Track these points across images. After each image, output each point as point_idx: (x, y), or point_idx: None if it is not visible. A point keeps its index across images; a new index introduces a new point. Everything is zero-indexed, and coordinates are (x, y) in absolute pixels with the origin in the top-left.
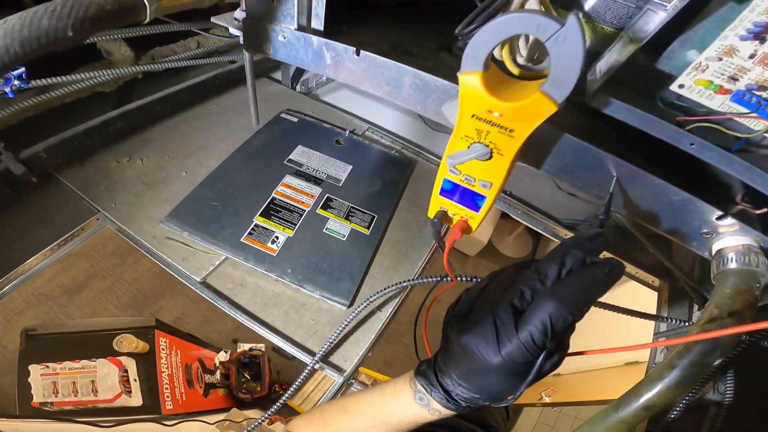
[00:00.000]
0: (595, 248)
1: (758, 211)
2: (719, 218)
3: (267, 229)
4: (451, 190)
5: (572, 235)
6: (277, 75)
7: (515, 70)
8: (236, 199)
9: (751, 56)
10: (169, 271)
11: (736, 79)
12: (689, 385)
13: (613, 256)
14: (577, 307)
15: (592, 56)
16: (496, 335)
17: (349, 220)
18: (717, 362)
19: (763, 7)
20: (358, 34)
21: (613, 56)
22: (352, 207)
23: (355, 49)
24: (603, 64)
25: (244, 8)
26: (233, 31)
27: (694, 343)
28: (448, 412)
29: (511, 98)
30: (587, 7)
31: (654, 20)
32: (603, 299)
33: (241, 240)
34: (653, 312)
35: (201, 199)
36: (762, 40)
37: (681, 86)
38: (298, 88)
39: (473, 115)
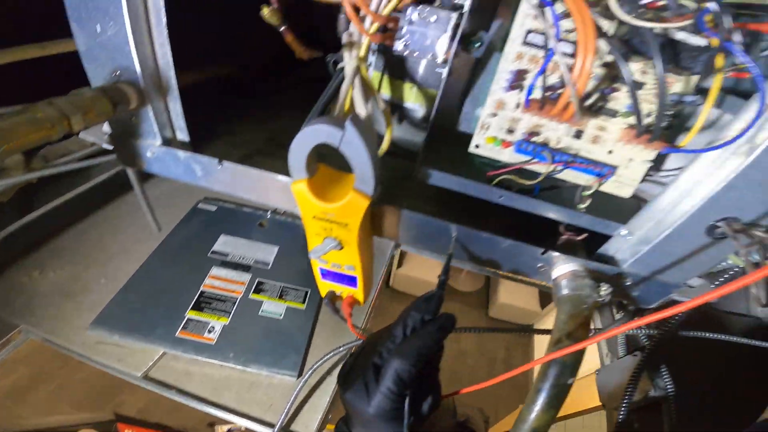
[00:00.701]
0: (431, 308)
1: (579, 238)
2: (543, 253)
3: (201, 321)
4: (327, 274)
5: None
6: None
7: (383, 107)
8: (164, 298)
9: (517, 106)
10: (108, 372)
11: (513, 131)
12: (559, 405)
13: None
14: (415, 360)
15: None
16: (367, 391)
17: (284, 299)
18: (571, 381)
19: (512, 54)
20: (233, 132)
21: (431, 118)
22: (284, 286)
23: (218, 160)
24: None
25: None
26: (105, 146)
27: (547, 367)
28: None
29: (334, 198)
30: (418, 76)
31: (442, 82)
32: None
33: (177, 335)
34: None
35: (126, 302)
36: (520, 89)
37: (477, 146)
38: None
39: (314, 216)
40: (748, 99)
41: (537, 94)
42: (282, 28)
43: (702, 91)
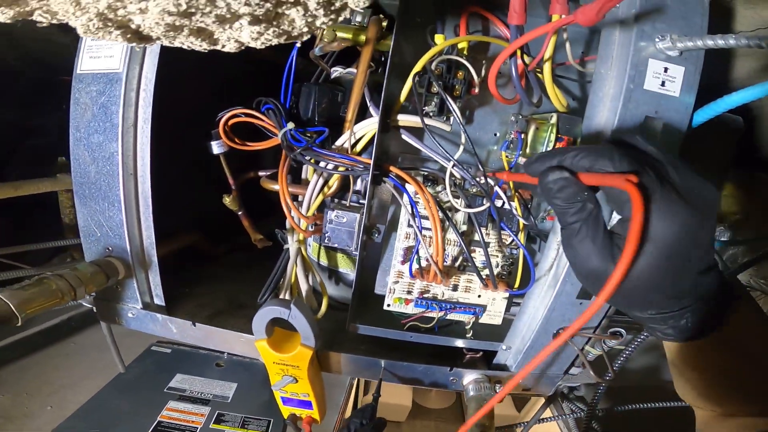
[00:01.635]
0: (366, 414)
1: (477, 356)
2: (450, 370)
3: None
4: (288, 401)
5: None
6: None
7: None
8: (117, 428)
9: (410, 274)
10: None
11: (411, 292)
12: None
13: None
14: None
15: None
16: None
17: (246, 429)
18: None
19: (402, 234)
20: (197, 295)
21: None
22: (246, 417)
23: (191, 322)
24: (353, 295)
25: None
26: (86, 304)
27: None
28: None
29: (287, 350)
30: (343, 244)
31: (357, 262)
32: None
33: None
34: None
35: (74, 428)
36: (410, 261)
37: (388, 305)
38: None
39: (273, 362)
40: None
41: (415, 265)
42: (240, 213)
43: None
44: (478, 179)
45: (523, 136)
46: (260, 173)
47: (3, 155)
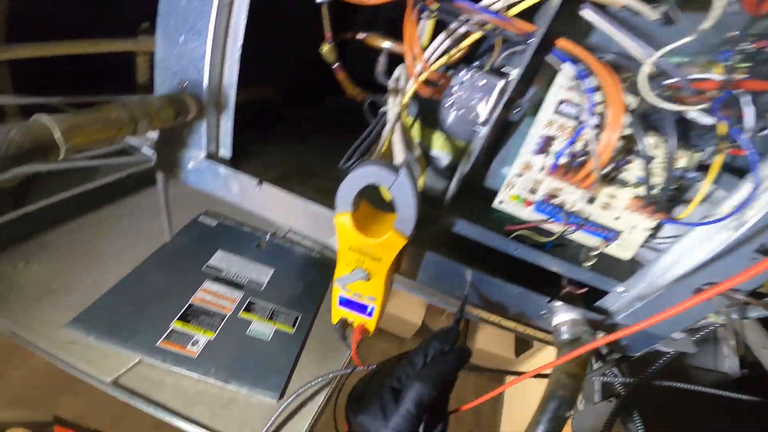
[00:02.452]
0: (450, 339)
1: (579, 291)
2: (549, 302)
3: (186, 333)
4: (345, 302)
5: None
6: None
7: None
8: (151, 306)
9: (541, 169)
10: (71, 373)
11: (535, 192)
12: None
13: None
14: (436, 384)
15: (453, 169)
16: (384, 412)
17: (273, 321)
18: (569, 414)
19: (544, 120)
20: (266, 154)
21: (461, 169)
22: (275, 308)
23: (257, 180)
24: (454, 180)
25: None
26: (146, 150)
27: (547, 402)
28: None
29: (374, 234)
30: (446, 125)
31: (478, 138)
32: (528, 369)
33: (157, 344)
34: None
35: (110, 305)
36: (546, 153)
37: (501, 202)
38: None
39: (350, 247)
40: (742, 177)
41: (562, 160)
42: (335, 65)
43: (702, 168)
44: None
45: None
46: (359, 35)
47: (89, 16)
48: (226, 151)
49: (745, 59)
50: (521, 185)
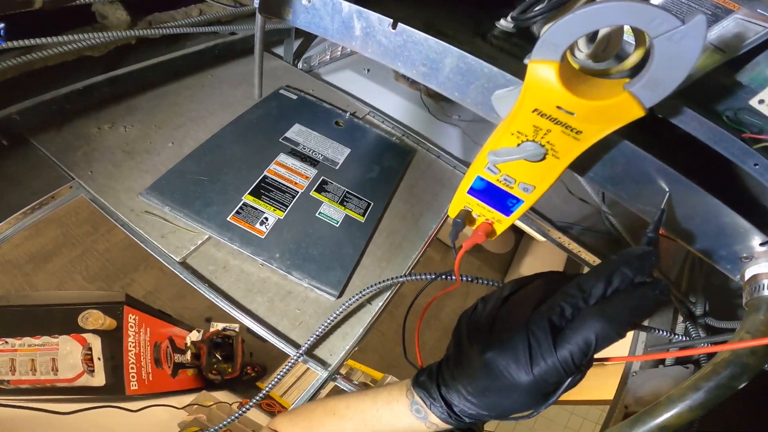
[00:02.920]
0: (646, 267)
1: None
2: (762, 244)
3: (256, 209)
4: (482, 190)
5: (566, 236)
6: (279, 50)
7: (576, 66)
8: (225, 175)
9: None
10: (146, 248)
11: None
12: (710, 407)
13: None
14: (625, 327)
15: None
16: (530, 353)
17: (344, 206)
18: (741, 386)
19: None
20: (387, 7)
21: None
22: (347, 192)
23: (391, 21)
24: None
25: None
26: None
27: (723, 367)
28: (445, 426)
29: (589, 96)
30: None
31: (750, 34)
32: None
33: (228, 219)
34: None
35: (187, 172)
36: None
37: (761, 102)
38: (299, 65)
39: (536, 110)
40: None
41: None
42: None
43: None
44: None
45: None
46: None
47: None
48: None
49: None
50: None
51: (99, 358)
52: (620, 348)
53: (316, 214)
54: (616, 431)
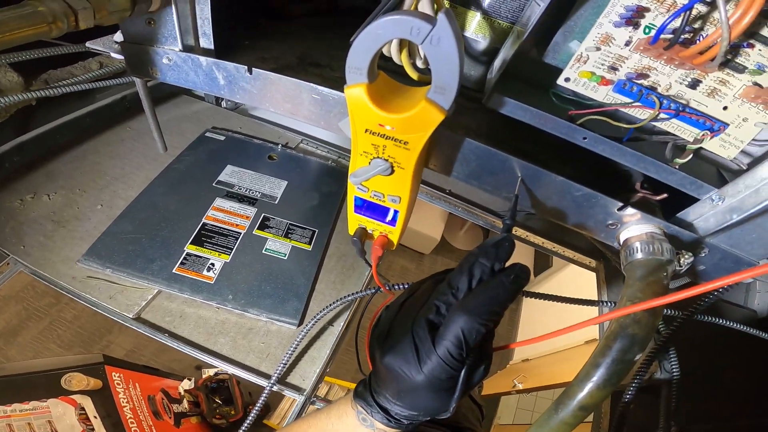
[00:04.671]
0: (502, 254)
1: (657, 198)
2: (620, 209)
3: (201, 257)
4: (363, 207)
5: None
6: (200, 92)
7: (415, 75)
8: (163, 230)
9: (627, 43)
10: (98, 310)
11: (616, 69)
12: (617, 382)
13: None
14: (487, 317)
15: (492, 53)
16: (417, 354)
17: (289, 238)
18: (638, 357)
19: None
20: (261, 49)
21: (506, 52)
22: (290, 224)
23: (246, 67)
24: (498, 61)
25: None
26: (114, 55)
27: (612, 340)
28: (392, 431)
29: (398, 109)
30: (485, 3)
31: (534, 11)
32: (547, 290)
33: (174, 271)
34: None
35: (122, 232)
36: (635, 26)
37: (567, 79)
38: (223, 104)
39: (366, 130)
40: None
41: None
42: None
43: None
44: None
45: None
46: None
47: None
48: (207, 41)
49: None
50: (597, 60)
51: (95, 417)
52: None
53: (263, 251)
54: (545, 417)
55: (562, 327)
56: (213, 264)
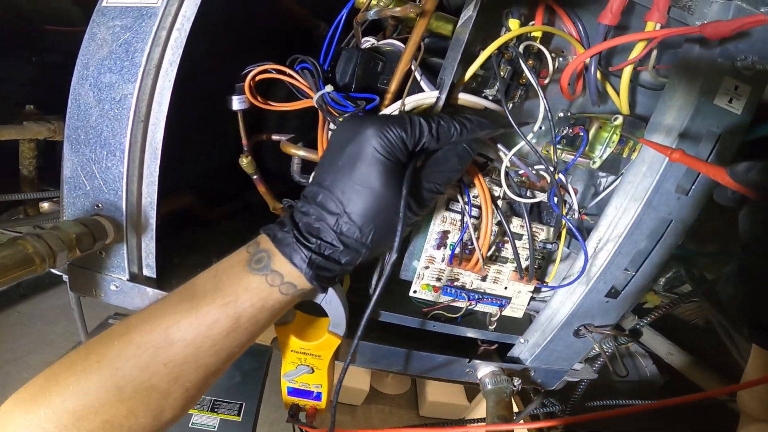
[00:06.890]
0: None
1: (492, 347)
2: (469, 361)
3: None
4: (295, 392)
5: None
6: None
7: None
8: None
9: (442, 260)
10: None
11: (440, 279)
12: None
13: None
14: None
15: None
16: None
17: (216, 412)
18: None
19: (439, 218)
20: (190, 266)
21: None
22: (215, 400)
23: None
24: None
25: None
26: (56, 271)
27: None
28: (295, 276)
29: (311, 338)
30: None
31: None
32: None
33: None
34: None
35: None
36: (445, 246)
37: (415, 291)
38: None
39: (292, 350)
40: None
41: (457, 250)
42: (255, 177)
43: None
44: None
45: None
46: (274, 137)
47: None
48: (150, 271)
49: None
50: (429, 275)
51: None
52: None
53: (190, 425)
54: None
55: None
56: None
